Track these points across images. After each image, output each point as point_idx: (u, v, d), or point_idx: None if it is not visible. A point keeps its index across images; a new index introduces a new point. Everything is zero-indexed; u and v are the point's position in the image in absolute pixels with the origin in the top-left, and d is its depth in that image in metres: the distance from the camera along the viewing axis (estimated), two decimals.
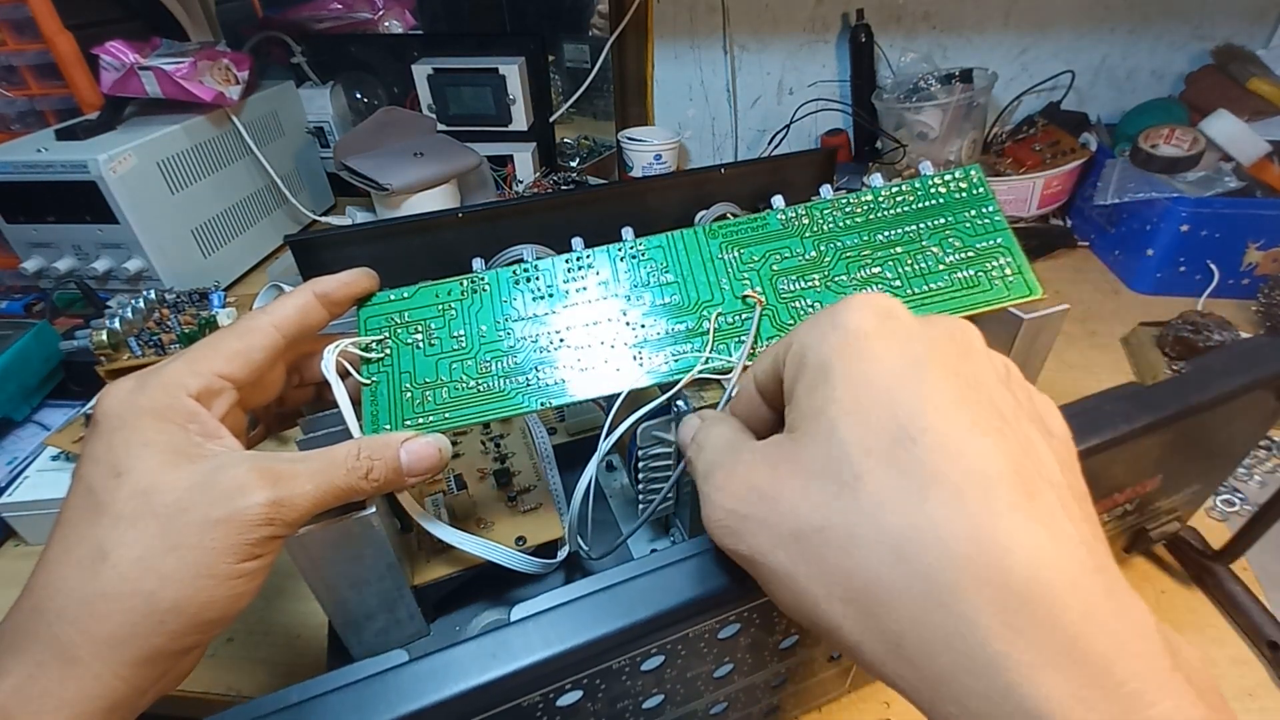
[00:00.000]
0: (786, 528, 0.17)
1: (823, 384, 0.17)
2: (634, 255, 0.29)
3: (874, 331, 0.17)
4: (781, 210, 0.30)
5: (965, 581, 0.14)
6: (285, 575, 0.40)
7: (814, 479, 0.16)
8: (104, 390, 0.22)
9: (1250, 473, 0.47)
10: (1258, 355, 0.29)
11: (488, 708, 0.19)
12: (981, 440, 0.15)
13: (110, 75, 0.65)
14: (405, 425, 0.26)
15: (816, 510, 0.16)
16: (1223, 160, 0.66)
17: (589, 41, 0.89)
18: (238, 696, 0.35)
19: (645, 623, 0.19)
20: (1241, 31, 0.78)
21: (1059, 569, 0.14)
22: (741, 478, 0.18)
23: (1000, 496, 0.14)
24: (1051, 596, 0.14)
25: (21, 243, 0.64)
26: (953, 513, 0.14)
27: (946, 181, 0.29)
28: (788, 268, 0.29)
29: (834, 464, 0.16)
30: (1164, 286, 0.66)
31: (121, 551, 0.20)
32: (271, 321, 0.25)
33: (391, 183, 0.70)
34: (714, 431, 0.21)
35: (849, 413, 0.16)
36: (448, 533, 0.27)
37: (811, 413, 0.17)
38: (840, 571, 0.15)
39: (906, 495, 0.15)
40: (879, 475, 0.15)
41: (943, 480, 0.15)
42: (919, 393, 0.16)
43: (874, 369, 0.16)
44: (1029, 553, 0.14)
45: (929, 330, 0.17)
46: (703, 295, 0.28)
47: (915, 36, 0.84)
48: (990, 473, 0.15)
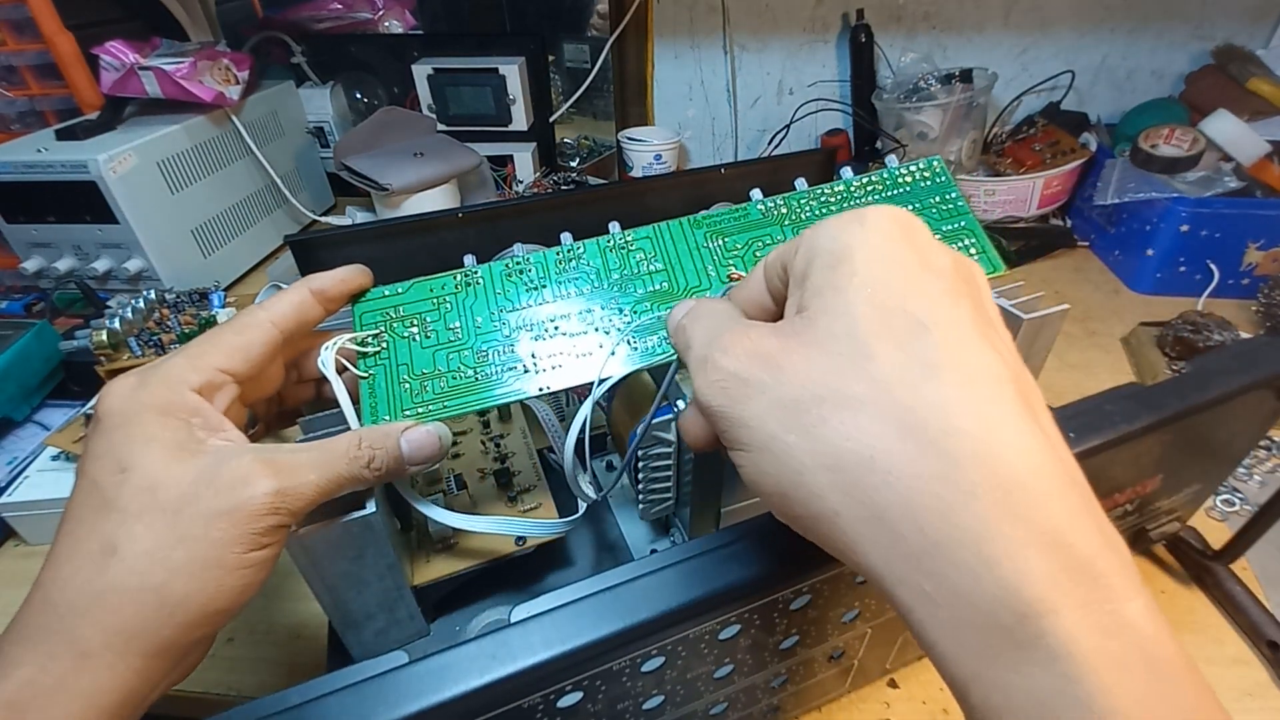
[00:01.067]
0: (787, 394, 0.17)
1: (843, 265, 0.17)
2: (622, 246, 0.30)
3: (899, 236, 0.18)
4: (761, 201, 0.31)
5: (968, 459, 0.15)
6: (285, 575, 0.40)
7: (823, 352, 0.17)
8: (106, 387, 0.23)
9: (1250, 473, 0.47)
10: (1258, 355, 0.29)
11: (488, 709, 0.19)
12: (990, 352, 0.16)
13: (110, 75, 0.65)
14: (404, 415, 0.26)
15: (822, 380, 0.16)
16: (1223, 160, 0.66)
17: (589, 41, 0.89)
18: (238, 696, 0.35)
19: (645, 624, 0.19)
20: (1241, 31, 0.78)
21: (1050, 476, 0.15)
22: (748, 343, 0.18)
23: (1007, 396, 0.15)
24: (1043, 494, 0.15)
25: (21, 243, 0.64)
26: (964, 396, 0.15)
27: (911, 171, 0.31)
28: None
29: (846, 340, 0.16)
30: (1164, 286, 0.66)
31: (130, 546, 0.20)
32: (269, 317, 0.25)
33: (391, 183, 0.70)
34: (714, 306, 0.22)
35: (866, 297, 0.17)
36: (454, 518, 0.27)
37: (829, 289, 0.17)
38: (834, 440, 0.16)
39: (918, 376, 0.16)
40: (891, 354, 0.16)
41: (954, 368, 0.16)
42: (935, 297, 0.17)
43: (894, 267, 0.17)
44: (1027, 454, 0.15)
45: (950, 253, 0.18)
46: (690, 281, 0.29)
47: (915, 36, 0.84)
48: (1000, 374, 0.16)
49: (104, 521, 0.20)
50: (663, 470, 0.32)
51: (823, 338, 0.17)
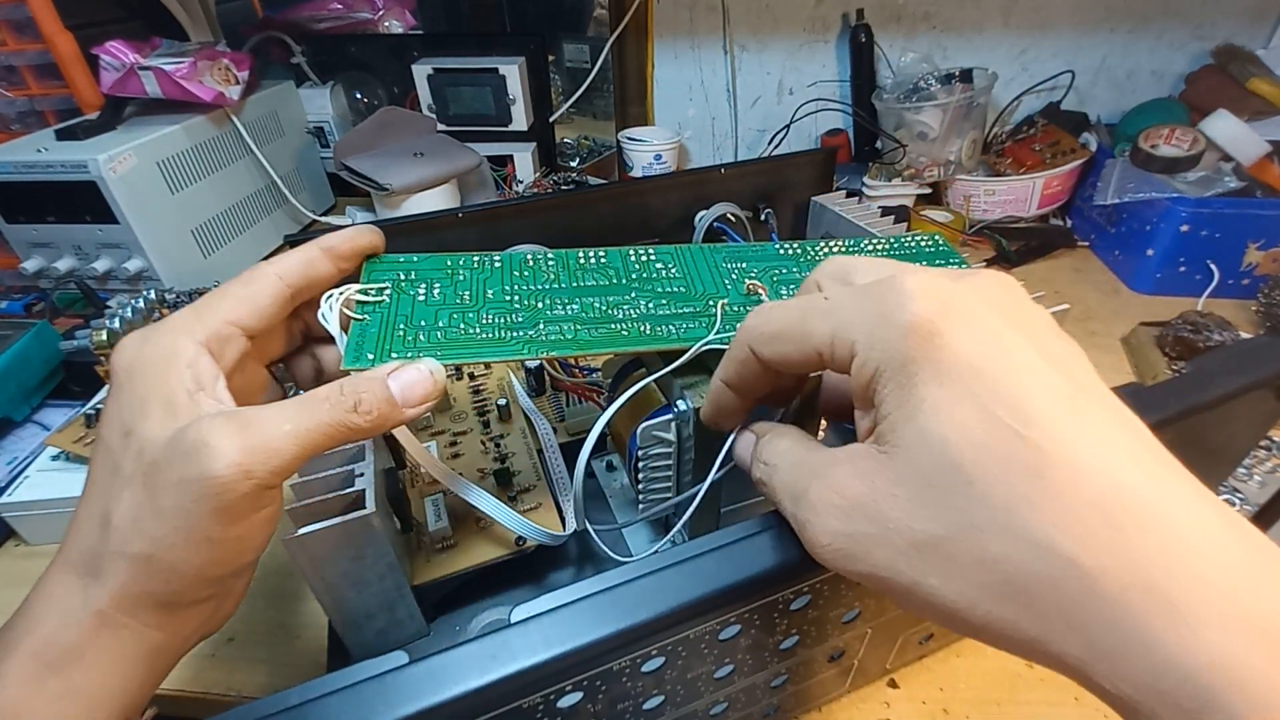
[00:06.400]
0: (904, 540, 0.16)
1: (908, 387, 0.16)
2: (644, 257, 0.31)
3: (939, 318, 0.16)
4: (779, 244, 0.33)
5: (1108, 565, 0.14)
6: (285, 575, 0.40)
7: (922, 488, 0.16)
8: (118, 345, 0.22)
9: (1250, 473, 0.47)
10: (1258, 355, 0.29)
11: (488, 709, 0.19)
12: (1087, 420, 0.15)
13: (110, 75, 0.65)
14: (391, 358, 0.24)
15: (934, 520, 0.15)
16: (1223, 160, 0.66)
17: (589, 41, 0.89)
18: (238, 696, 0.35)
19: (646, 624, 0.19)
20: (1241, 31, 0.78)
21: (1196, 526, 0.14)
22: (838, 496, 0.17)
23: (1121, 468, 0.14)
24: (1197, 554, 0.13)
25: (21, 243, 0.64)
26: (1080, 497, 0.14)
27: (918, 240, 0.33)
28: (786, 280, 0.31)
29: (941, 470, 0.15)
30: (1164, 286, 0.66)
31: (119, 513, 0.20)
32: (276, 271, 0.25)
33: (391, 183, 0.70)
34: (780, 446, 0.21)
35: (945, 416, 0.15)
36: (461, 484, 0.28)
37: (903, 420, 0.16)
38: (978, 574, 0.15)
39: (1031, 489, 0.14)
40: (996, 475, 0.15)
41: (1063, 466, 0.14)
42: (1010, 381, 0.15)
43: (954, 361, 0.16)
44: (1164, 524, 0.14)
45: (983, 293, 0.17)
46: (708, 289, 0.30)
47: (915, 36, 0.84)
48: (1106, 448, 0.15)
49: (109, 486, 0.21)
50: (663, 470, 0.32)
51: (914, 473, 0.16)
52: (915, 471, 0.16)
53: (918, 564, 0.16)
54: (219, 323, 0.23)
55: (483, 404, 0.41)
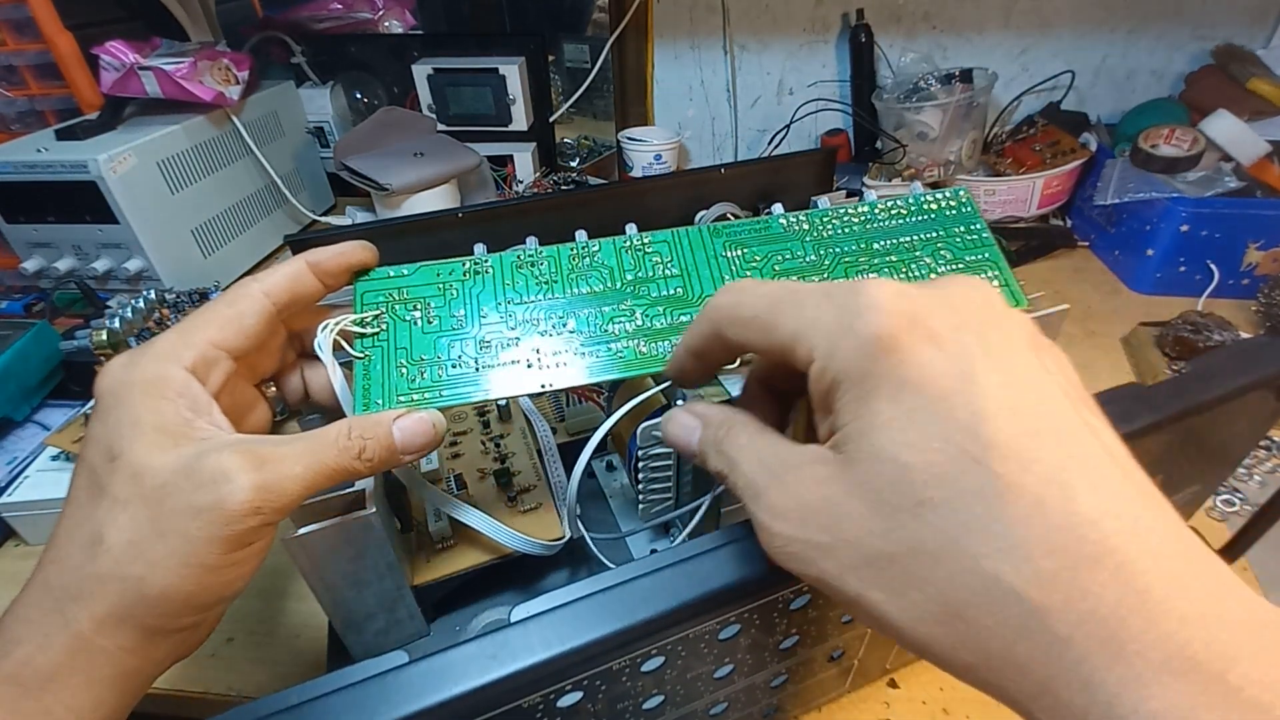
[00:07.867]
0: (856, 554, 0.16)
1: (865, 401, 0.16)
2: (638, 248, 0.29)
3: (902, 332, 0.16)
4: (783, 215, 0.30)
5: (1053, 602, 0.13)
6: (285, 575, 0.40)
7: (874, 504, 0.15)
8: (102, 368, 0.22)
9: (1250, 473, 0.47)
10: (1258, 355, 0.28)
11: (488, 709, 0.19)
12: (1048, 445, 0.15)
13: (110, 75, 0.65)
14: (399, 402, 0.25)
15: (885, 537, 0.15)
16: (1223, 160, 0.66)
17: (589, 41, 0.89)
18: (238, 696, 0.35)
19: (646, 624, 0.19)
20: (1241, 31, 0.78)
21: (1155, 567, 0.13)
22: (794, 501, 0.17)
23: (1081, 498, 0.14)
24: (1148, 594, 0.13)
25: (21, 243, 0.64)
26: (1033, 528, 0.14)
27: (938, 199, 0.31)
28: (789, 268, 0.29)
29: (894, 488, 0.15)
30: (1164, 286, 0.66)
31: (115, 535, 0.20)
32: (261, 288, 0.25)
33: (391, 183, 0.70)
34: (739, 441, 0.20)
35: (901, 435, 0.15)
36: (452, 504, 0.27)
37: (858, 433, 0.16)
38: (921, 595, 0.15)
39: (982, 516, 0.14)
40: (948, 498, 0.14)
41: (1019, 494, 0.14)
42: (972, 403, 0.15)
43: (915, 377, 0.15)
44: (1121, 563, 0.13)
45: (954, 303, 0.16)
46: (706, 289, 0.28)
47: (915, 36, 0.84)
48: (1067, 475, 0.14)
49: (96, 508, 0.20)
50: (663, 470, 0.32)
51: (869, 487, 0.16)
52: (869, 487, 0.16)
53: (866, 577, 0.16)
54: (204, 345, 0.23)
55: (482, 404, 0.41)
